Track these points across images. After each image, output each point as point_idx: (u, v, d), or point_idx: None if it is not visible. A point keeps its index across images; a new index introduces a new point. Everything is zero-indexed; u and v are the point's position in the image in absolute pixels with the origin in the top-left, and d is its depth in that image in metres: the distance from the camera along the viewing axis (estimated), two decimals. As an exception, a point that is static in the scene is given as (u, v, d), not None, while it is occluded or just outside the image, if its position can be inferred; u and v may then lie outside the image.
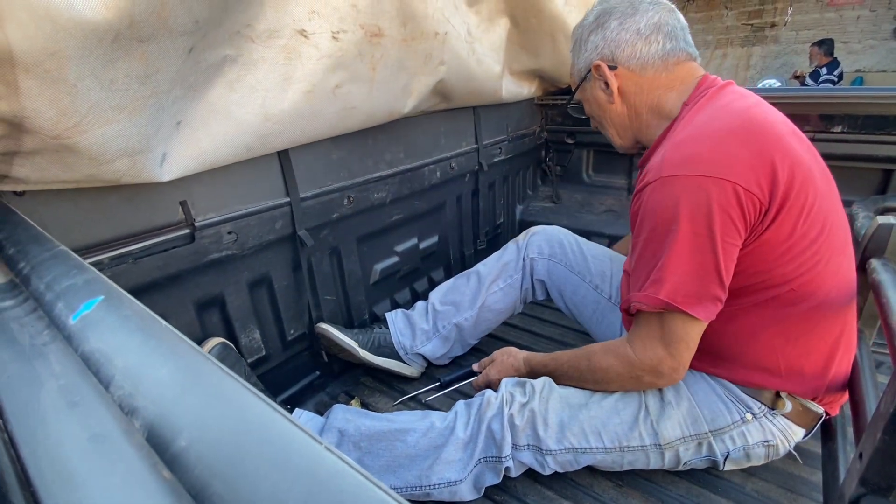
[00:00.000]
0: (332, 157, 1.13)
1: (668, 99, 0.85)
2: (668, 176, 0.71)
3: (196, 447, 0.18)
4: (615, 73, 0.87)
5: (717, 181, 0.68)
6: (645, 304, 0.74)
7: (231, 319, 1.02)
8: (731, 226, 0.69)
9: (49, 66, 0.53)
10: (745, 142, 0.70)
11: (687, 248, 0.70)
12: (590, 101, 0.96)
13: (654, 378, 0.81)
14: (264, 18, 0.81)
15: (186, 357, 0.24)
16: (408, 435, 0.89)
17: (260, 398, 0.20)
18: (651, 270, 0.74)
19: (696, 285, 0.71)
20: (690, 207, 0.69)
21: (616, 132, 0.95)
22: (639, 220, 0.77)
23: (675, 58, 0.84)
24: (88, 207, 0.76)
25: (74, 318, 0.29)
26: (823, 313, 0.76)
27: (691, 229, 0.69)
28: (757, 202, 0.69)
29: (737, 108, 0.76)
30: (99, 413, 0.23)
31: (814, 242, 0.73)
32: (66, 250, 0.41)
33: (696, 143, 0.73)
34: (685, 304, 0.71)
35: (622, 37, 0.85)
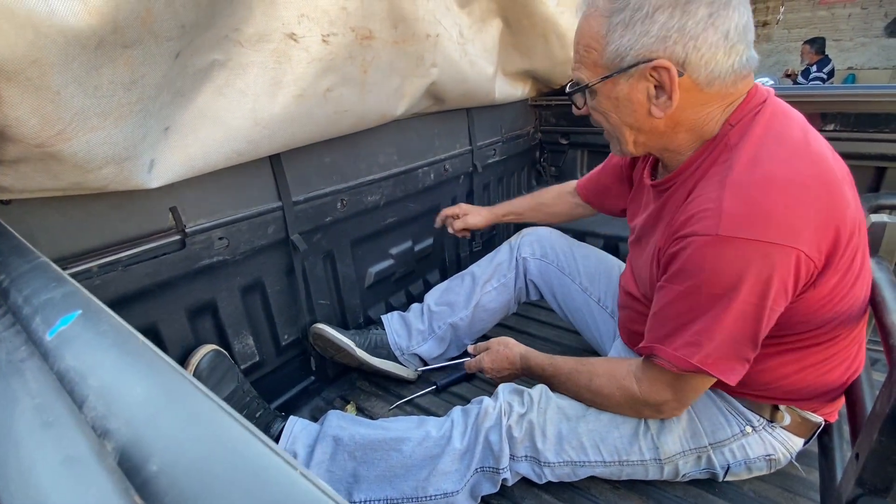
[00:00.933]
0: (325, 161, 1.12)
1: (713, 117, 0.69)
2: (728, 237, 0.60)
3: (167, 473, 0.17)
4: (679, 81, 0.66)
5: (784, 249, 0.60)
6: (675, 365, 0.69)
7: (224, 326, 1.01)
8: (783, 295, 0.63)
9: (31, 73, 0.52)
10: (815, 199, 0.61)
11: (734, 317, 0.64)
12: (613, 100, 0.72)
13: (653, 413, 0.80)
14: (253, 22, 0.80)
15: (163, 375, 0.23)
16: (403, 444, 0.88)
17: (236, 420, 0.19)
18: (684, 327, 0.68)
19: (732, 350, 0.66)
20: (752, 280, 0.61)
21: (632, 140, 0.76)
22: (676, 267, 0.67)
23: (744, 71, 0.67)
24: (76, 215, 0.75)
25: (51, 334, 0.28)
26: (842, 341, 0.74)
27: (745, 298, 0.62)
28: (812, 267, 0.62)
29: (799, 146, 0.65)
30: (72, 435, 0.22)
31: (852, 288, 0.69)
32: (47, 262, 0.40)
33: (765, 195, 0.61)
34: (716, 369, 0.67)
35: (708, 36, 0.62)
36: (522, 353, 0.99)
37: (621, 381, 0.80)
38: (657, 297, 0.74)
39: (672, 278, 0.69)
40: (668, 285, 0.70)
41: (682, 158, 0.76)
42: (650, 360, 0.75)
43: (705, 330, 0.66)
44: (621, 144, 0.78)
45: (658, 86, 0.67)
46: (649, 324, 0.75)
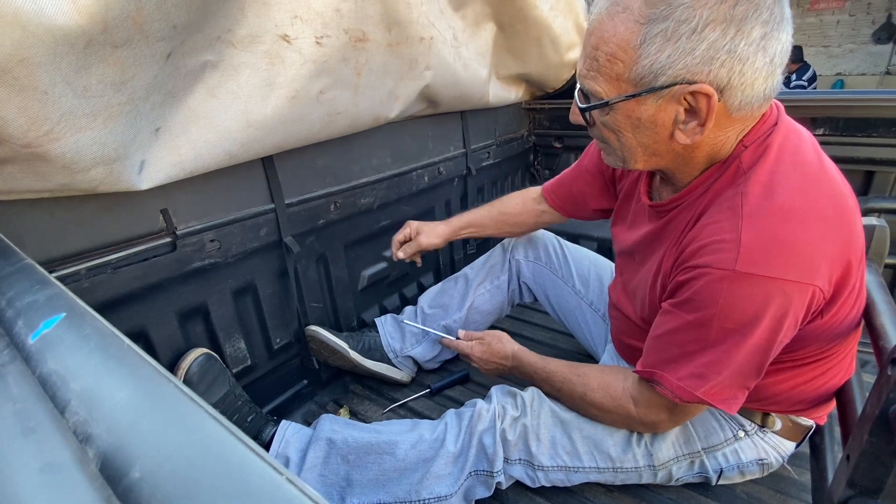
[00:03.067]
0: (318, 163, 1.12)
1: (729, 140, 0.64)
2: (746, 273, 0.57)
3: (150, 480, 0.17)
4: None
5: (802, 287, 0.57)
6: (678, 396, 0.67)
7: (215, 329, 1.00)
8: (792, 328, 0.62)
9: (18, 72, 0.51)
10: (832, 231, 0.59)
11: (745, 353, 0.62)
12: (633, 120, 0.63)
13: (646, 430, 0.81)
14: (245, 23, 0.79)
15: (147, 379, 0.23)
16: (397, 447, 0.87)
17: (222, 424, 0.19)
18: (689, 358, 0.65)
19: (737, 382, 0.65)
20: (769, 316, 0.59)
21: (643, 159, 0.68)
22: (686, 295, 0.64)
23: (772, 96, 0.61)
24: (65, 217, 0.74)
25: (34, 338, 0.28)
26: (837, 356, 0.74)
27: (760, 335, 0.60)
28: (822, 300, 0.61)
29: (815, 171, 0.62)
30: (53, 441, 0.22)
31: (851, 309, 0.68)
32: (32, 263, 0.39)
33: (784, 228, 0.57)
34: (718, 400, 0.65)
35: (756, 61, 0.55)
36: (515, 352, 0.96)
37: (618, 400, 0.78)
38: (661, 321, 0.70)
39: (680, 305, 0.66)
40: (675, 311, 0.66)
41: (690, 178, 0.70)
42: (649, 384, 0.73)
43: (713, 364, 0.64)
44: (626, 162, 0.70)
45: (689, 110, 0.59)
46: (650, 345, 0.72)
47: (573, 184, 1.09)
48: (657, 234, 0.79)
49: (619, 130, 0.66)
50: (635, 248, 0.85)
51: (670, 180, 0.75)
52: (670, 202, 0.74)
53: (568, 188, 1.11)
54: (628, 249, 0.88)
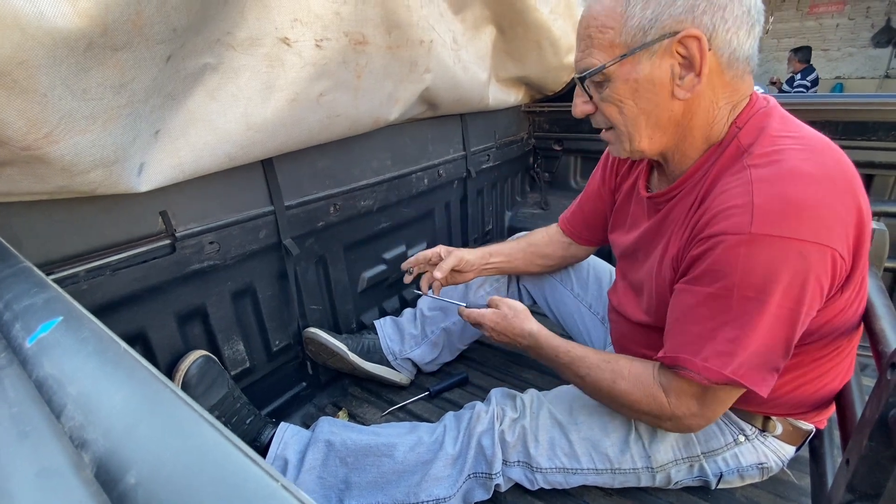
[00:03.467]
0: (318, 165, 1.12)
1: (722, 116, 0.67)
2: (761, 234, 0.57)
3: (145, 485, 0.17)
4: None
5: (821, 248, 0.56)
6: (706, 377, 0.63)
7: (214, 331, 1.00)
8: (818, 297, 0.60)
9: (17, 75, 0.51)
10: (842, 194, 0.59)
11: (769, 323, 0.59)
12: (631, 83, 0.65)
13: (673, 427, 0.73)
14: (245, 26, 0.79)
15: (143, 383, 0.23)
16: (395, 450, 0.87)
17: (218, 430, 0.19)
18: (713, 334, 0.63)
19: (765, 359, 0.62)
20: (788, 279, 0.57)
21: (649, 136, 0.69)
22: (703, 268, 0.63)
23: (753, 62, 0.65)
24: (64, 218, 0.74)
25: (31, 341, 0.28)
26: (837, 356, 0.73)
27: (780, 302, 0.58)
28: (844, 269, 0.60)
29: (818, 140, 0.63)
30: (49, 446, 0.22)
31: (860, 288, 0.67)
32: (30, 266, 0.39)
33: (795, 189, 0.57)
34: (749, 381, 0.62)
35: (733, 9, 0.60)
36: (533, 331, 0.87)
37: (649, 389, 0.72)
38: (677, 301, 0.68)
39: (697, 280, 0.64)
40: (692, 287, 0.65)
41: (687, 162, 0.72)
42: (674, 370, 0.69)
43: (738, 338, 0.61)
44: (632, 143, 0.70)
45: (683, 64, 0.62)
46: (670, 330, 0.69)
47: (583, 207, 1.09)
48: (658, 226, 0.78)
49: (620, 102, 0.67)
50: (637, 246, 0.85)
51: (668, 170, 0.76)
52: (669, 190, 0.75)
53: (580, 213, 1.10)
54: (630, 249, 0.88)
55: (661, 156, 0.75)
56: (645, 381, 0.73)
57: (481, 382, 1.29)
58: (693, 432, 0.73)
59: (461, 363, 1.36)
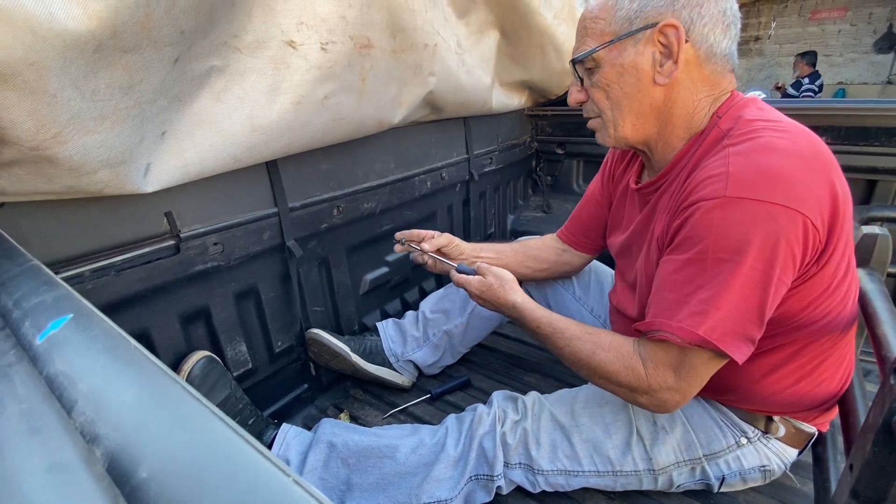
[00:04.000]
0: (321, 168, 1.12)
1: (703, 107, 0.72)
2: (735, 197, 0.60)
3: (157, 479, 0.17)
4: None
5: (790, 213, 0.59)
6: (679, 337, 0.65)
7: (217, 332, 1.01)
8: (790, 265, 0.62)
9: (28, 76, 0.52)
10: (815, 170, 0.62)
11: (741, 284, 0.61)
12: (617, 68, 0.71)
13: (648, 402, 0.74)
14: (252, 29, 0.80)
15: (154, 379, 0.23)
16: (397, 451, 0.87)
17: (228, 425, 0.19)
18: (688, 297, 0.65)
19: (738, 324, 0.63)
20: (759, 240, 0.60)
21: (632, 122, 0.75)
22: (682, 235, 0.66)
23: (732, 62, 0.72)
24: (70, 218, 0.74)
25: (41, 338, 0.28)
26: (837, 343, 0.74)
27: (752, 264, 0.61)
28: (818, 241, 0.62)
29: (795, 126, 0.67)
30: (60, 441, 0.22)
31: (845, 276, 0.69)
32: (39, 265, 0.39)
33: (769, 159, 0.61)
34: (723, 343, 0.63)
35: (710, 7, 0.67)
36: (518, 303, 0.88)
37: (629, 360, 0.73)
38: (659, 272, 0.71)
39: (676, 248, 0.67)
40: (671, 257, 0.68)
41: (671, 152, 0.76)
42: (653, 336, 0.70)
43: (711, 298, 0.63)
44: (616, 127, 0.76)
45: (663, 52, 0.69)
46: (650, 301, 0.71)
47: (581, 213, 1.10)
48: (647, 217, 0.81)
49: (607, 86, 0.74)
50: (630, 241, 0.87)
51: (653, 160, 0.80)
52: (656, 180, 0.79)
53: (577, 219, 1.12)
54: (624, 246, 0.90)
55: (645, 145, 0.79)
56: (624, 353, 0.74)
57: (483, 385, 1.29)
58: (668, 411, 0.73)
59: (463, 366, 1.36)
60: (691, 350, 0.66)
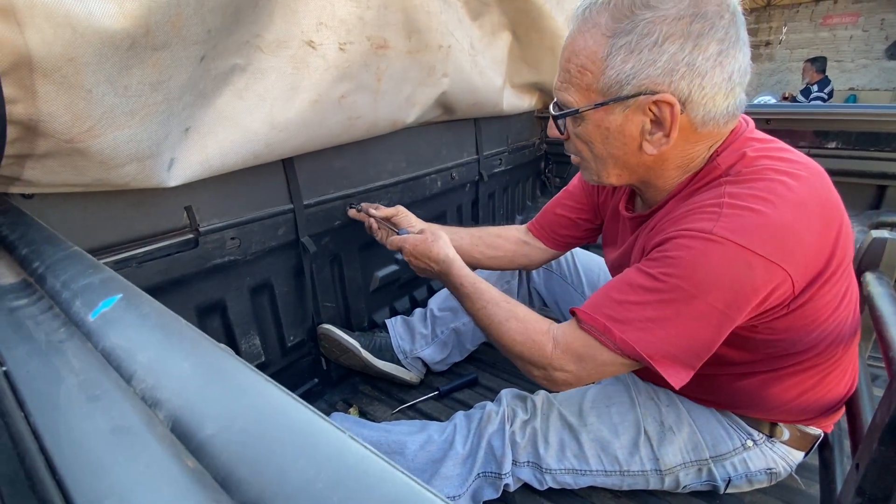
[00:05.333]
0: (336, 166, 1.14)
1: (700, 154, 0.67)
2: (721, 237, 0.58)
3: (222, 435, 0.19)
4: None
5: (771, 266, 0.57)
6: (619, 348, 0.64)
7: (232, 325, 1.03)
8: (746, 308, 0.60)
9: (66, 71, 0.54)
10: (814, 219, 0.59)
11: (693, 316, 0.61)
12: (602, 129, 0.66)
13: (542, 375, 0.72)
14: (273, 29, 0.82)
15: (208, 353, 0.25)
16: (405, 447, 0.88)
17: (283, 391, 0.21)
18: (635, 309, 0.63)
19: (682, 351, 0.62)
20: (727, 284, 0.58)
21: (616, 173, 0.71)
22: (655, 254, 0.65)
23: (736, 113, 0.65)
24: (95, 211, 0.76)
25: (93, 316, 0.30)
26: (841, 356, 0.74)
27: (712, 302, 0.59)
28: (789, 292, 0.60)
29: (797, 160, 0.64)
30: (121, 406, 0.24)
31: (837, 308, 0.68)
32: (81, 251, 0.41)
33: (765, 207, 0.58)
34: (662, 365, 0.62)
35: (714, 76, 0.59)
36: (449, 256, 0.86)
37: (538, 336, 0.72)
38: (618, 276, 0.69)
39: (645, 262, 0.65)
40: (637, 267, 0.66)
41: (663, 193, 0.73)
42: (579, 324, 0.68)
43: (659, 319, 0.61)
44: (601, 176, 0.73)
45: (655, 121, 0.63)
46: (599, 293, 0.69)
47: (554, 208, 1.09)
48: (635, 241, 0.80)
49: (590, 142, 0.69)
50: (622, 261, 0.86)
51: (645, 197, 0.78)
52: (649, 213, 0.76)
53: (550, 214, 1.10)
54: (616, 264, 0.90)
55: (632, 186, 0.77)
56: (536, 329, 0.73)
57: (490, 383, 1.30)
58: (553, 387, 0.73)
59: (470, 364, 1.37)
60: (608, 351, 0.65)
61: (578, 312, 0.69)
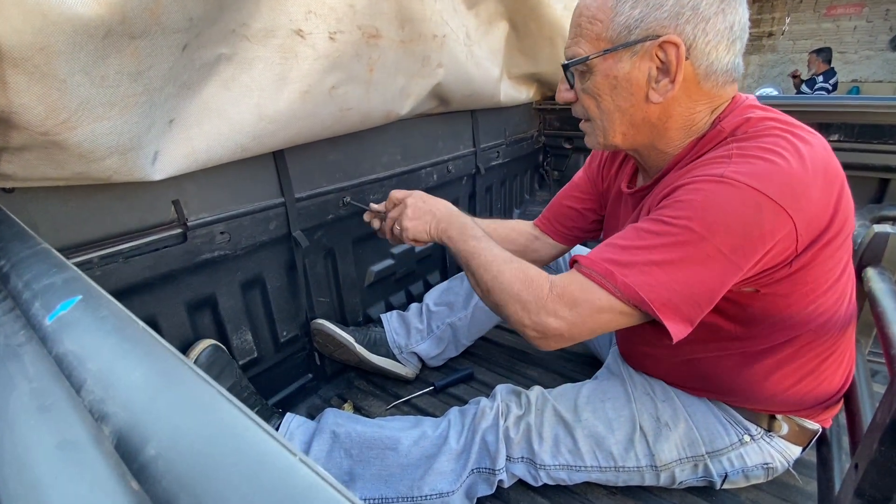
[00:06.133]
0: (328, 158, 1.12)
1: (703, 114, 0.69)
2: (730, 179, 0.58)
3: (165, 456, 0.17)
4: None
5: (779, 211, 0.57)
6: (620, 292, 0.62)
7: (223, 321, 1.01)
8: (755, 259, 0.60)
9: (38, 61, 0.52)
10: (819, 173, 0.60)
11: (700, 261, 0.60)
12: (610, 79, 0.67)
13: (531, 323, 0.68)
14: (260, 17, 0.80)
15: (162, 360, 0.23)
16: (399, 443, 0.87)
17: (234, 405, 0.19)
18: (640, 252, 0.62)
19: (683, 299, 0.61)
20: (736, 225, 0.58)
21: (622, 131, 0.71)
22: (663, 203, 0.64)
23: (734, 74, 0.67)
24: (79, 205, 0.75)
25: (50, 319, 0.28)
26: (835, 344, 0.74)
27: (719, 246, 0.59)
28: (791, 248, 0.61)
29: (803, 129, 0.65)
30: (69, 418, 0.22)
31: (838, 279, 0.68)
32: (48, 248, 0.40)
33: (774, 157, 0.59)
34: (662, 312, 0.61)
35: (717, 23, 0.62)
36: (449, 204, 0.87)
37: (535, 277, 0.70)
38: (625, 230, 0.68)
39: (656, 210, 0.65)
40: (644, 219, 0.65)
41: (667, 158, 0.73)
42: (578, 269, 0.67)
43: (665, 263, 0.60)
44: (606, 135, 0.73)
45: (661, 68, 0.65)
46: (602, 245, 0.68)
47: (561, 200, 1.08)
48: (638, 216, 0.78)
49: (598, 95, 0.70)
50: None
51: (647, 166, 0.78)
52: (652, 183, 0.76)
53: (556, 207, 1.09)
54: None
55: (636, 152, 0.77)
56: (537, 273, 0.71)
57: (486, 378, 1.29)
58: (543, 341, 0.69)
59: (466, 359, 1.36)
60: (607, 296, 0.63)
61: (579, 258, 0.68)
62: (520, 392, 0.92)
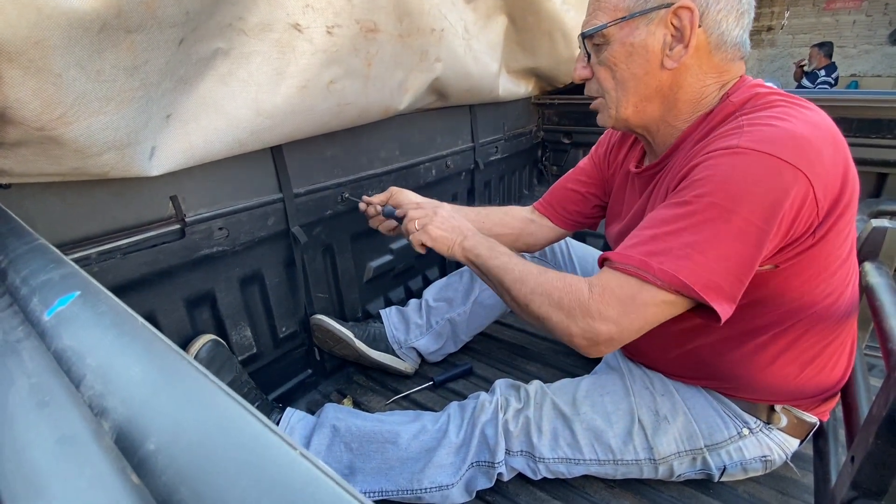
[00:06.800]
0: (326, 154, 1.12)
1: (712, 88, 0.71)
2: (747, 148, 0.59)
3: (165, 451, 0.17)
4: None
5: (797, 173, 0.58)
6: (660, 280, 0.60)
7: (222, 316, 1.01)
8: (783, 227, 0.60)
9: (33, 55, 0.52)
10: (828, 145, 0.61)
11: (733, 235, 0.59)
12: (627, 47, 0.69)
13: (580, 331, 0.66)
14: (257, 11, 0.79)
15: (161, 356, 0.23)
16: (399, 437, 0.88)
17: (234, 399, 0.19)
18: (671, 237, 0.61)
19: (723, 277, 0.60)
20: (761, 193, 0.58)
21: (635, 104, 0.73)
22: (684, 183, 0.64)
23: (743, 50, 0.70)
24: (76, 201, 0.74)
25: (49, 314, 0.28)
26: (837, 331, 0.74)
27: (748, 216, 0.58)
28: (814, 213, 0.61)
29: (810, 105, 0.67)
30: (69, 414, 0.22)
31: (845, 261, 0.69)
32: (46, 244, 0.39)
33: (785, 124, 0.60)
34: (707, 294, 0.59)
35: None
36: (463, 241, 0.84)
37: (575, 283, 0.69)
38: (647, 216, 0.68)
39: (675, 194, 0.65)
40: (667, 202, 0.66)
41: (675, 133, 0.75)
42: (612, 267, 0.66)
43: (698, 243, 0.60)
44: (619, 108, 0.74)
45: (675, 36, 0.68)
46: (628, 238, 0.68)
47: (564, 184, 1.09)
48: (647, 198, 0.79)
49: (615, 65, 0.72)
50: (630, 226, 0.83)
51: (655, 144, 0.79)
52: (660, 160, 0.77)
53: (560, 190, 1.09)
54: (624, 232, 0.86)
55: (646, 129, 0.78)
56: (573, 280, 0.70)
57: (485, 374, 1.30)
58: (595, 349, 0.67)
59: (465, 354, 1.36)
60: (648, 287, 0.62)
61: (610, 255, 0.67)
62: (519, 386, 0.93)
